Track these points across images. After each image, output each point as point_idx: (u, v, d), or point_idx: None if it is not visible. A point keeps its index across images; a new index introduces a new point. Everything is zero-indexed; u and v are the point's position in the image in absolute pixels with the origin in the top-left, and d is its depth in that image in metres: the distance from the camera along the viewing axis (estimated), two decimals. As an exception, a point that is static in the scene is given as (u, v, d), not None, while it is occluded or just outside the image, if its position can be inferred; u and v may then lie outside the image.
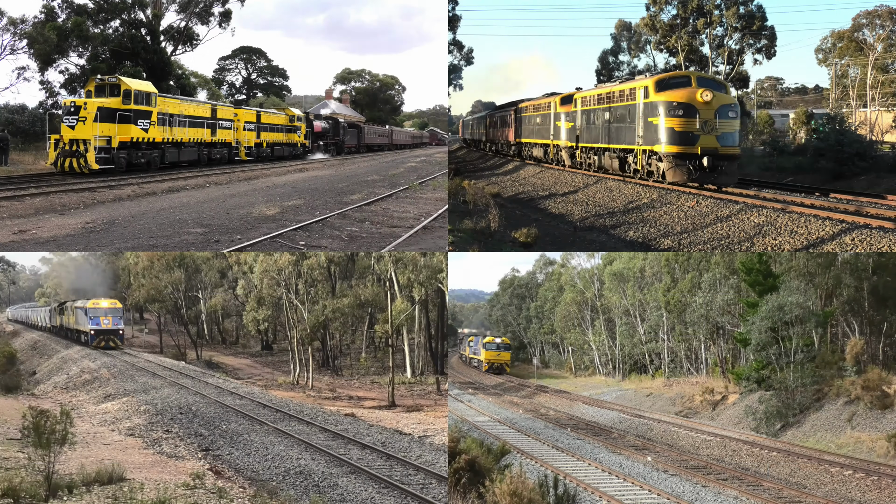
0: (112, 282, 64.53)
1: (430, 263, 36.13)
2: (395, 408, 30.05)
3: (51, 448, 15.34)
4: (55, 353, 46.70)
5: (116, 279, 65.53)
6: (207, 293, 57.07)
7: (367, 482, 16.13)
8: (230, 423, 23.05)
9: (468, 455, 15.57)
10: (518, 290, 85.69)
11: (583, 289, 57.87)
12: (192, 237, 19.47)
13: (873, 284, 29.94)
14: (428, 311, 43.84)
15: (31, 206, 23.45)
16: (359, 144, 78.74)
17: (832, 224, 19.09)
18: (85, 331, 47.40)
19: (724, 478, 18.24)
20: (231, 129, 48.14)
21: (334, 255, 40.99)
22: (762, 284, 28.69)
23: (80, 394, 32.83)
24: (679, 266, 41.37)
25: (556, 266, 72.15)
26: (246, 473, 17.09)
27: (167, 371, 35.76)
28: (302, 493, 15.44)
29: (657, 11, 66.37)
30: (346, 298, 39.53)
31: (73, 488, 15.09)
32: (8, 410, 27.52)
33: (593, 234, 24.54)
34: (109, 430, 23.52)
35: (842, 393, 24.01)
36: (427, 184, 37.21)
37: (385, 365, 38.93)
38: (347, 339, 48.37)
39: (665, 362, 45.50)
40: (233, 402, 26.94)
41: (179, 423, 23.12)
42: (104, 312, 46.70)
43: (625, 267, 49.59)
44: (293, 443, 20.27)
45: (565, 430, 27.06)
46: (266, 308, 43.05)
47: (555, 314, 64.71)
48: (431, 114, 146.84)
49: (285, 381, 40.12)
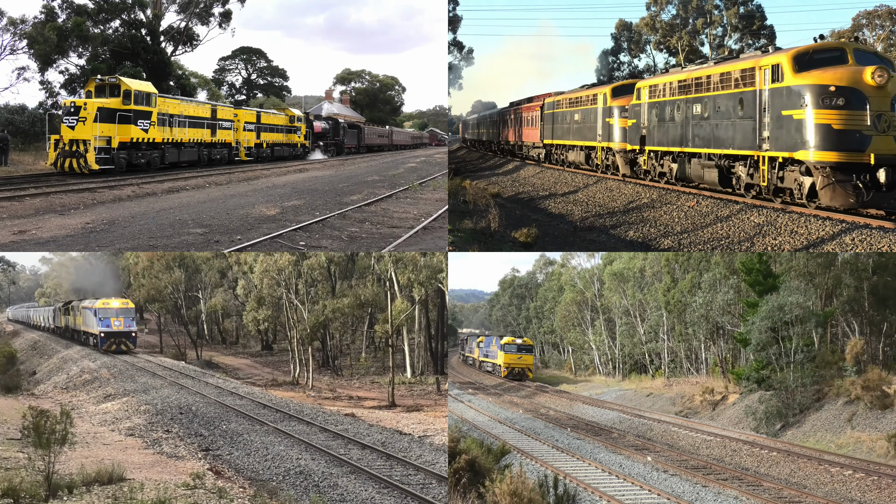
0: (116, 281, 63.95)
1: (430, 263, 36.07)
2: (396, 408, 30.02)
3: (51, 448, 15.29)
4: (55, 353, 46.49)
5: (117, 279, 65.49)
6: (207, 293, 57.02)
7: (367, 482, 16.08)
8: (230, 423, 23.05)
9: (468, 455, 15.58)
10: (518, 290, 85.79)
11: (583, 289, 57.87)
12: (193, 237, 19.47)
13: (873, 284, 29.95)
14: (428, 311, 43.79)
15: (30, 207, 23.45)
16: (359, 145, 78.76)
17: (832, 224, 19.09)
18: (94, 333, 44.93)
19: (724, 478, 18.25)
20: (231, 129, 48.15)
21: (334, 255, 40.97)
22: (762, 284, 28.70)
23: (80, 394, 32.79)
24: (679, 266, 41.37)
25: (556, 266, 72.15)
26: (246, 473, 17.07)
27: (167, 371, 35.77)
28: (302, 493, 15.39)
29: (657, 11, 66.42)
30: (346, 298, 39.40)
31: (73, 488, 15.04)
32: (8, 410, 27.50)
33: (593, 233, 24.58)
34: (109, 430, 23.49)
35: (842, 393, 24.02)
36: (427, 184, 37.22)
37: (385, 365, 38.87)
38: (347, 339, 48.24)
39: (665, 362, 45.50)
40: (233, 402, 26.93)
41: (179, 423, 23.09)
42: (115, 313, 43.86)
43: (625, 267, 49.60)
44: (293, 443, 20.24)
45: (565, 430, 27.07)
46: (266, 308, 42.94)
47: (555, 314, 64.71)
48: (431, 114, 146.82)
49: (285, 380, 40.11)
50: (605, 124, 35.69)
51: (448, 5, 69.60)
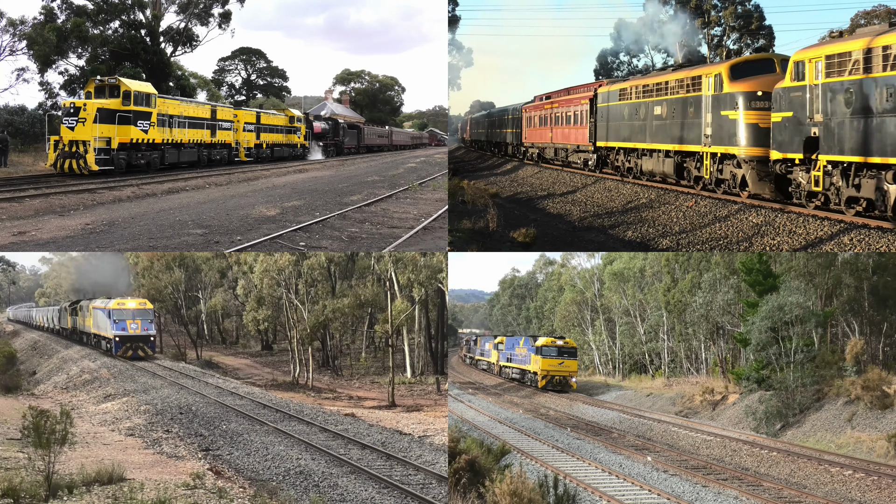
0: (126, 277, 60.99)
1: (430, 263, 36.10)
2: (395, 408, 30.03)
3: (51, 448, 15.28)
4: (55, 353, 46.33)
5: (127, 275, 65.14)
6: (207, 293, 57.03)
7: (367, 482, 16.08)
8: (230, 423, 23.03)
9: (468, 455, 15.58)
10: (518, 290, 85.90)
11: (583, 289, 57.87)
12: (192, 238, 19.47)
13: (873, 284, 29.97)
14: (428, 311, 43.82)
15: (30, 208, 23.45)
16: (358, 145, 78.77)
17: (830, 224, 19.09)
18: (107, 336, 40.91)
19: (724, 478, 18.25)
20: (231, 130, 48.15)
21: (334, 255, 40.97)
22: (762, 284, 28.71)
23: (80, 394, 32.76)
24: (679, 266, 41.38)
25: (555, 266, 72.17)
26: (246, 473, 17.06)
27: (167, 371, 35.78)
28: (302, 492, 15.35)
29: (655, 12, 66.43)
30: (346, 298, 39.49)
31: (73, 488, 15.05)
32: (8, 410, 27.50)
33: (592, 233, 24.58)
34: (109, 430, 23.47)
35: (842, 393, 24.03)
36: (427, 184, 37.23)
37: (385, 365, 38.84)
38: (347, 339, 48.27)
39: (665, 362, 45.51)
40: (233, 402, 26.90)
41: (179, 423, 23.06)
42: (131, 315, 39.78)
43: (625, 267, 49.61)
44: (293, 443, 20.22)
45: (565, 430, 27.08)
46: (266, 308, 42.93)
47: (555, 314, 64.70)
48: (431, 114, 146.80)
49: (285, 380, 40.15)
50: (719, 120, 25.07)
51: (448, 6, 69.60)
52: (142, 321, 39.80)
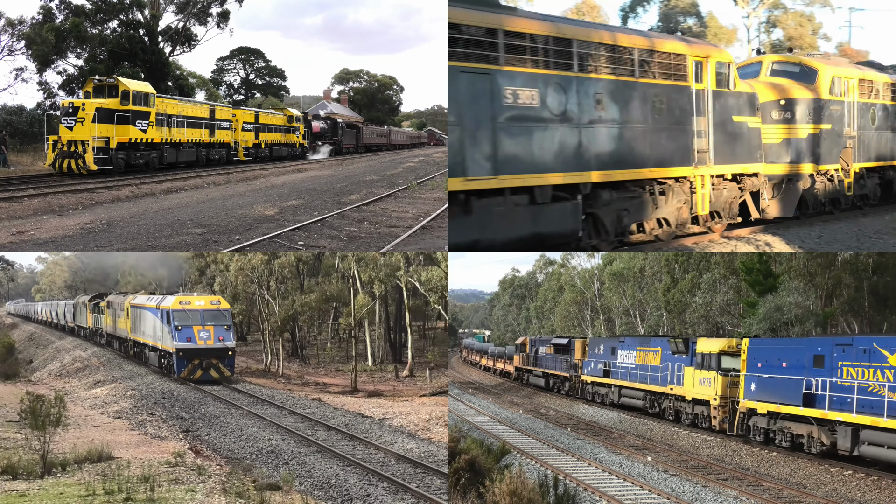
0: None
1: (389, 262, 37.68)
2: (358, 393, 31.80)
3: (46, 429, 16.69)
4: (50, 343, 49.56)
5: (106, 277, 66.40)
6: (188, 289, 57.67)
7: (332, 460, 17.46)
8: (208, 406, 24.86)
9: (468, 455, 15.53)
10: (518, 290, 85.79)
11: (583, 289, 57.86)
12: (191, 237, 19.44)
13: (873, 284, 29.91)
14: (388, 306, 46.27)
15: (29, 207, 23.44)
16: (357, 144, 78.69)
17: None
18: (163, 348, 30.49)
19: (724, 478, 18.21)
20: (229, 129, 48.11)
21: (303, 255, 42.33)
22: (762, 284, 28.68)
23: (72, 380, 34.84)
24: (679, 266, 41.35)
25: (556, 266, 72.12)
26: (223, 452, 18.53)
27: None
28: (273, 470, 16.56)
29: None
30: (314, 294, 41.42)
31: (66, 466, 16.43)
32: (7, 396, 28.87)
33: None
34: (99, 414, 25.09)
35: (842, 392, 23.92)
36: (425, 184, 37.21)
37: (348, 354, 40.81)
38: (314, 331, 51.06)
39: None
40: (210, 388, 28.52)
41: (162, 407, 24.85)
42: (200, 318, 29.48)
43: (624, 267, 49.58)
44: (265, 425, 21.79)
45: (565, 430, 27.03)
46: (241, 302, 45.01)
47: (555, 314, 64.67)
48: (430, 114, 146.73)
49: (258, 368, 42.20)
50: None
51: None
52: (215, 328, 29.64)
